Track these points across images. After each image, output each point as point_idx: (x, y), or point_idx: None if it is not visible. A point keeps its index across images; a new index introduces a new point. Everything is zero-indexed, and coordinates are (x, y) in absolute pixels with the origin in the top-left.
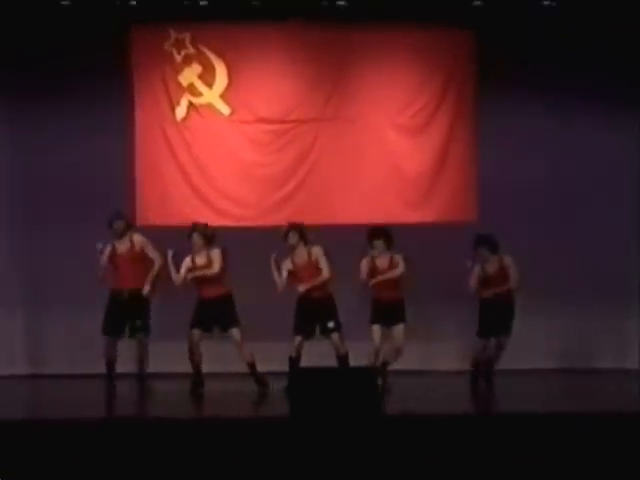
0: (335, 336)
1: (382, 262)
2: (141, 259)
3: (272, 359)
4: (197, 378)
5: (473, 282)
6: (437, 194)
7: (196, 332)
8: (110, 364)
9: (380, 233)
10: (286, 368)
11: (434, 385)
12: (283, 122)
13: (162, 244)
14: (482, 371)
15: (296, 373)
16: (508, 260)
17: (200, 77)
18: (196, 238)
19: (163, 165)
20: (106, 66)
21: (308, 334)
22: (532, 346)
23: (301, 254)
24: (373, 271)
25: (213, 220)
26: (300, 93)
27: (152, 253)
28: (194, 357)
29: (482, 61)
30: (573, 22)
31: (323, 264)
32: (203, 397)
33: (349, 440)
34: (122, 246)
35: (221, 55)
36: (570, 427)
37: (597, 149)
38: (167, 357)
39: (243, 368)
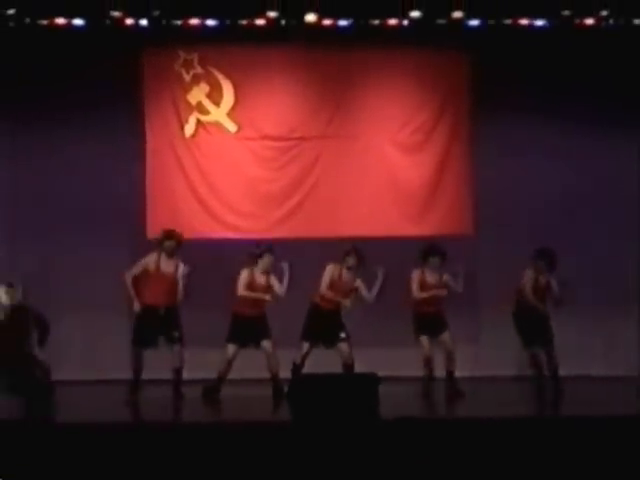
0: (344, 346)
1: (432, 278)
2: (176, 281)
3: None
4: (218, 385)
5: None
6: (435, 208)
7: (232, 347)
8: (138, 372)
9: (437, 250)
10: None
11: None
12: (287, 139)
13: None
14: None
15: (297, 379)
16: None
17: (208, 96)
18: (268, 260)
19: (173, 180)
20: (118, 86)
21: (316, 342)
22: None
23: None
24: (423, 285)
25: (221, 233)
26: (303, 112)
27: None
28: (226, 367)
29: (480, 81)
30: (566, 40)
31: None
32: (219, 401)
33: (347, 444)
34: (169, 267)
35: (228, 75)
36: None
37: (595, 166)
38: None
39: (247, 374)
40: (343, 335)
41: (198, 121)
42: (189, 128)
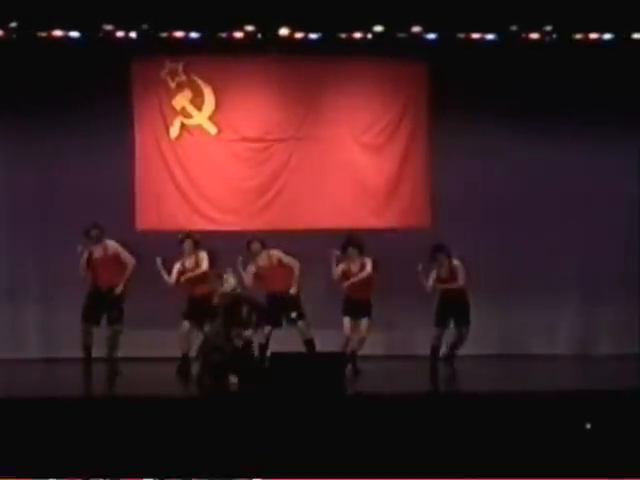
0: (300, 324)
1: (354, 266)
2: (115, 262)
3: None
4: (185, 361)
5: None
6: (396, 203)
7: (186, 324)
8: (87, 348)
9: (354, 241)
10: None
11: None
12: (263, 141)
13: (157, 247)
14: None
15: (272, 356)
16: (457, 263)
17: (191, 101)
18: (189, 244)
19: (159, 178)
20: (110, 92)
21: (275, 324)
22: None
23: (262, 258)
24: (346, 273)
25: (202, 226)
26: (277, 116)
27: (125, 257)
28: (184, 344)
29: (437, 88)
30: (513, 52)
31: (289, 259)
32: (190, 377)
33: (316, 417)
34: (98, 252)
35: (209, 82)
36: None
37: (535, 166)
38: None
39: None
40: (294, 315)
41: (182, 124)
42: (174, 130)
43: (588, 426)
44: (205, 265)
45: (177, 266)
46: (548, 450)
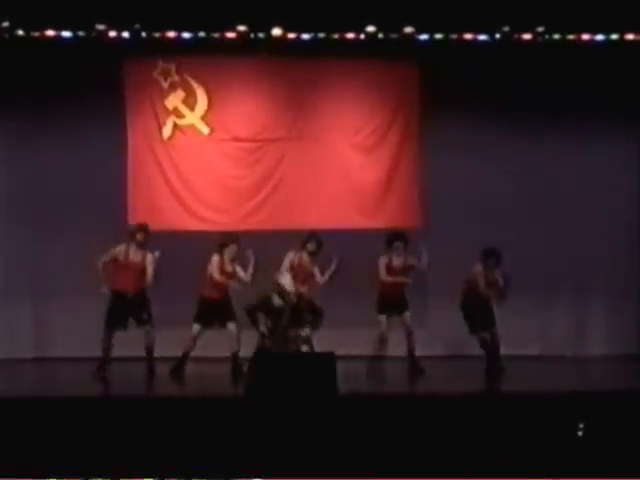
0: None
1: (398, 262)
2: (143, 267)
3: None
4: (182, 361)
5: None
6: (387, 204)
7: (197, 327)
8: (108, 352)
9: (400, 236)
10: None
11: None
12: (255, 141)
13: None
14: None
15: (262, 356)
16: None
17: (183, 101)
18: (235, 249)
19: (152, 178)
20: (103, 92)
21: None
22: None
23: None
24: (390, 269)
25: (194, 226)
26: (269, 116)
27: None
28: (189, 345)
29: (429, 89)
30: (506, 53)
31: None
32: (184, 378)
33: (308, 417)
34: (137, 256)
35: (202, 83)
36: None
37: (537, 163)
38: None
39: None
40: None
41: (175, 124)
42: (166, 130)
43: (581, 426)
44: (245, 275)
45: (216, 264)
46: (541, 451)
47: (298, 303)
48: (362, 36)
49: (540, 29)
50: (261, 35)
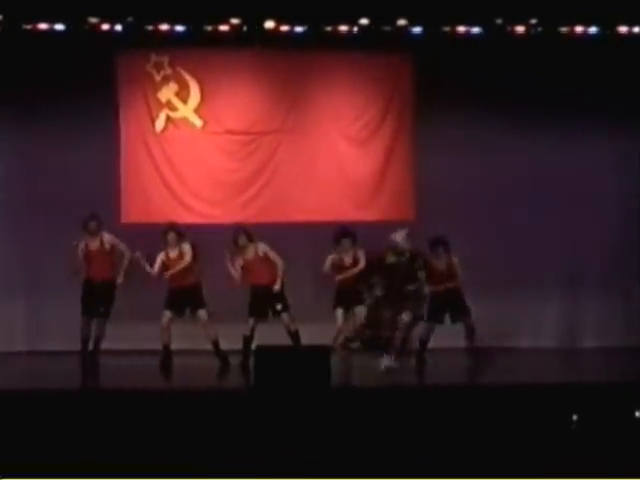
0: (284, 316)
1: (347, 258)
2: (110, 255)
3: (231, 338)
4: (166, 354)
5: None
6: (381, 196)
7: (168, 314)
8: (85, 341)
9: (347, 233)
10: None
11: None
12: (248, 133)
13: (140, 239)
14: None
15: (257, 350)
16: (455, 260)
17: (176, 94)
18: (172, 235)
19: (144, 171)
20: (95, 85)
21: (260, 316)
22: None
23: (249, 252)
24: (339, 265)
25: (187, 218)
26: (263, 108)
27: (123, 248)
28: (165, 336)
29: (423, 81)
30: (499, 46)
31: (274, 255)
32: (172, 370)
33: (302, 409)
34: (94, 244)
35: (195, 75)
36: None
37: (530, 157)
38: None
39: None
40: (279, 307)
41: (167, 117)
42: (159, 123)
43: (574, 419)
44: (189, 257)
45: (160, 257)
46: (535, 443)
47: (413, 259)
48: (355, 29)
49: (533, 21)
50: (254, 28)
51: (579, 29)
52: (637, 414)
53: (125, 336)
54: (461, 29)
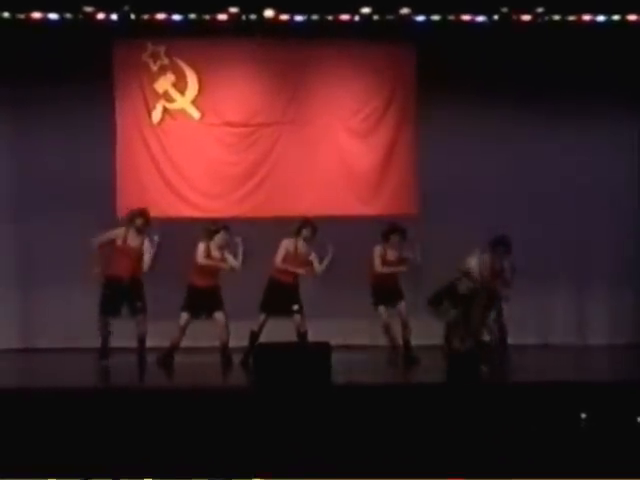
0: (297, 317)
1: (393, 254)
2: (141, 253)
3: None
4: (169, 352)
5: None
6: (384, 190)
7: (185, 315)
8: (105, 340)
9: (396, 229)
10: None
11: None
12: (247, 125)
13: None
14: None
15: (258, 347)
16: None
17: (174, 85)
18: (224, 236)
19: (141, 163)
20: (90, 76)
21: (272, 313)
22: None
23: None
24: (384, 261)
25: (186, 212)
26: (262, 100)
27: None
28: (178, 336)
29: (426, 72)
30: (504, 35)
31: (313, 256)
32: (173, 368)
33: (303, 407)
34: (135, 241)
35: (193, 66)
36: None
37: (537, 147)
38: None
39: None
40: (295, 307)
41: (164, 108)
42: (156, 115)
43: (583, 417)
44: (234, 262)
45: (202, 249)
46: (543, 442)
47: (490, 286)
48: (357, 18)
49: (540, 10)
50: (253, 17)
51: (587, 17)
52: None
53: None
54: (465, 18)
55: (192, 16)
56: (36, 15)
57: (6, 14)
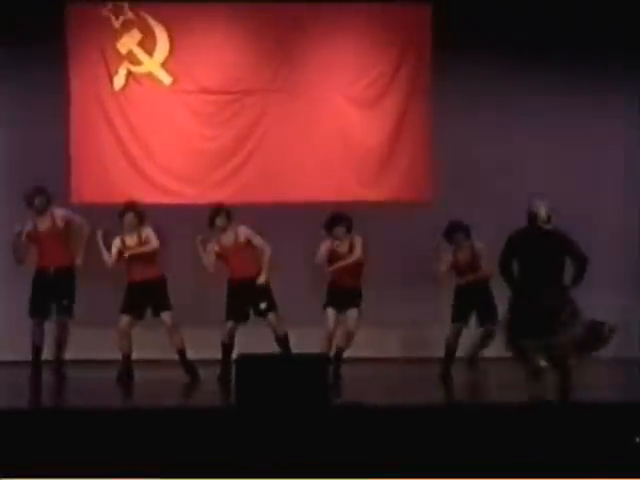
0: (271, 317)
1: (342, 247)
2: (65, 234)
3: (204, 346)
4: (125, 366)
5: (443, 267)
6: (391, 171)
7: (126, 318)
8: (37, 349)
9: (341, 219)
10: (219, 355)
11: (386, 373)
12: (228, 93)
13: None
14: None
15: (240, 358)
16: (480, 246)
17: (140, 44)
18: (131, 217)
19: (100, 139)
20: (42, 37)
21: (240, 318)
22: None
23: (228, 236)
24: (333, 256)
25: (152, 197)
26: (247, 63)
27: (79, 221)
28: (124, 343)
29: (440, 33)
30: None
31: (258, 241)
32: (132, 386)
33: (294, 431)
34: (43, 223)
35: (163, 22)
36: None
37: (561, 115)
38: (95, 344)
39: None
40: (263, 306)
41: (129, 72)
42: (118, 80)
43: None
44: (155, 242)
45: (116, 243)
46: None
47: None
48: None
49: None
50: None
51: None
52: None
53: (77, 343)
54: None
55: None
56: None
57: None
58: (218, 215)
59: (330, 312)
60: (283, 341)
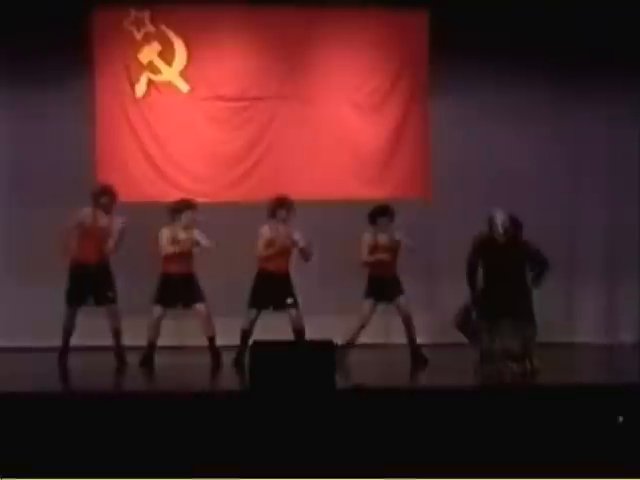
0: (293, 311)
1: (383, 239)
2: (108, 234)
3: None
4: (150, 352)
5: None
6: (392, 171)
7: (159, 309)
8: (68, 332)
9: (386, 211)
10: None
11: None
12: (241, 99)
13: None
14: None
15: (254, 345)
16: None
17: (160, 55)
18: (190, 215)
19: (123, 142)
20: (67, 46)
21: (263, 307)
22: None
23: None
24: (374, 248)
25: (171, 196)
26: (258, 71)
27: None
28: (153, 332)
29: (439, 43)
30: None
31: (299, 237)
32: (154, 370)
33: (303, 413)
34: (104, 220)
35: (180, 33)
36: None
37: (557, 131)
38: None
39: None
40: (290, 301)
41: (149, 81)
42: (140, 88)
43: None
44: (209, 242)
45: (166, 234)
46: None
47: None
48: None
49: None
50: None
51: None
52: None
53: (97, 331)
54: None
55: None
56: None
57: None
58: (282, 207)
59: (369, 302)
60: (300, 335)
